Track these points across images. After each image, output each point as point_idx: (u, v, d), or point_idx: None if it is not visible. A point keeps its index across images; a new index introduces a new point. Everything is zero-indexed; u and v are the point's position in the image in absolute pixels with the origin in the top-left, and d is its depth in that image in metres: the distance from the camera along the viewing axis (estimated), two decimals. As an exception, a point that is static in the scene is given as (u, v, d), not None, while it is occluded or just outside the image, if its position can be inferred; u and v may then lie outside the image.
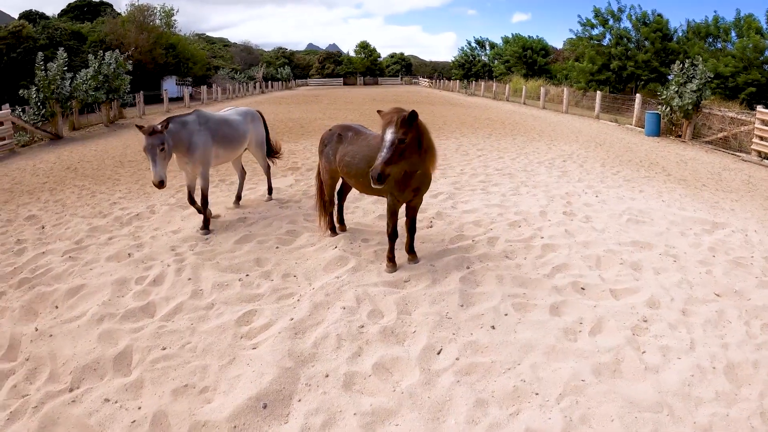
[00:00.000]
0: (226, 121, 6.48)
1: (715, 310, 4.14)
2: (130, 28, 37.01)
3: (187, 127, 5.79)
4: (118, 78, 19.87)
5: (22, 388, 3.29)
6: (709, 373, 3.28)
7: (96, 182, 9.22)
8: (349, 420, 2.82)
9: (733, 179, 9.75)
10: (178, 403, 3.07)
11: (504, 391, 3.04)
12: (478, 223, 6.37)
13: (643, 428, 2.74)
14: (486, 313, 3.94)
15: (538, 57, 48.20)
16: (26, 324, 4.05)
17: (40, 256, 5.47)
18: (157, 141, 5.20)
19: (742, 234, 6.08)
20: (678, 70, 15.48)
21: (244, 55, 68.61)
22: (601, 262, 5.12)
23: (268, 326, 3.89)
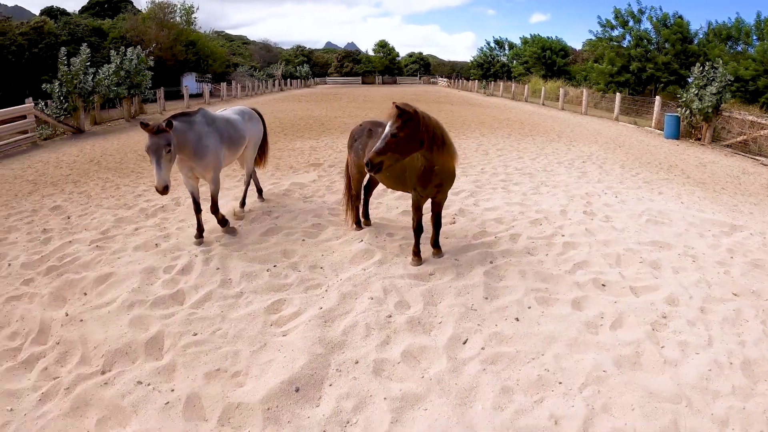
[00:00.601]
0: (229, 120, 6.17)
1: (733, 309, 4.22)
2: (150, 24, 37.54)
3: (194, 128, 5.32)
4: (139, 74, 20.20)
5: (53, 371, 3.39)
6: (726, 368, 3.38)
7: (119, 175, 9.43)
8: (379, 404, 2.96)
9: (752, 183, 9.73)
10: (210, 386, 3.19)
11: (528, 379, 3.18)
12: (499, 220, 6.49)
13: (663, 418, 2.86)
14: (510, 306, 4.08)
15: (558, 58, 47.95)
16: (55, 309, 4.17)
17: (67, 245, 5.61)
18: (163, 141, 4.69)
19: (761, 237, 6.12)
20: (698, 73, 15.40)
21: (263, 53, 69.20)
22: (621, 260, 5.22)
23: (297, 314, 4.04)
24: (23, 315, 4.05)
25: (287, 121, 18.91)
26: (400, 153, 4.16)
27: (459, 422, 2.80)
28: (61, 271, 4.92)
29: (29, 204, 7.43)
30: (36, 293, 4.44)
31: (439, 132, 4.39)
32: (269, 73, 58.03)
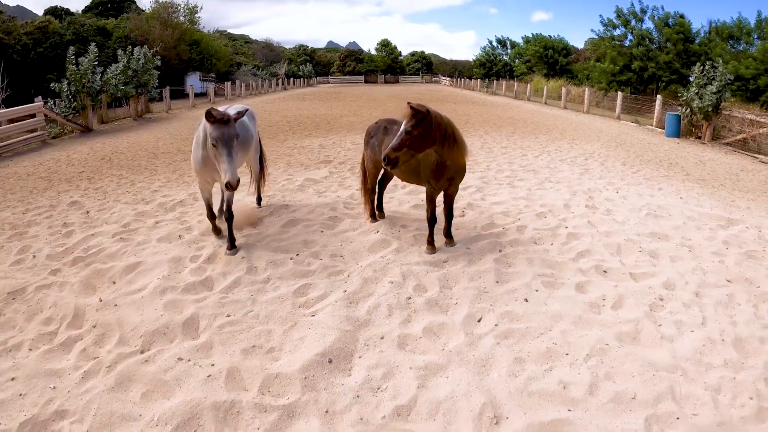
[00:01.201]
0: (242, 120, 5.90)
1: (726, 293, 4.55)
2: (154, 24, 37.83)
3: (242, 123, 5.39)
4: (146, 73, 20.43)
5: (92, 351, 3.58)
6: (719, 344, 3.71)
7: (133, 172, 9.63)
8: (405, 373, 3.27)
9: (751, 180, 10.04)
10: (248, 360, 3.43)
11: (538, 351, 3.52)
12: (506, 213, 6.82)
13: (660, 384, 3.19)
14: (519, 289, 4.42)
15: (560, 57, 48.28)
16: (87, 296, 4.38)
17: (90, 238, 5.82)
18: (234, 131, 4.53)
19: (756, 230, 6.44)
20: (698, 72, 15.71)
21: (266, 52, 69.62)
22: (621, 249, 5.54)
23: (323, 297, 4.34)
24: (56, 302, 4.24)
25: (294, 119, 19.24)
26: (415, 149, 4.50)
27: (478, 387, 3.12)
28: (88, 261, 5.14)
29: (46, 200, 7.60)
30: (66, 282, 4.64)
31: (450, 130, 4.72)
32: (272, 72, 58.41)
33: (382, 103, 28.94)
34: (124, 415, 2.95)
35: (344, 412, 2.94)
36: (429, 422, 2.84)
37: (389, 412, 2.91)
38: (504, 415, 2.89)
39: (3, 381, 3.26)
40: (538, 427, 2.80)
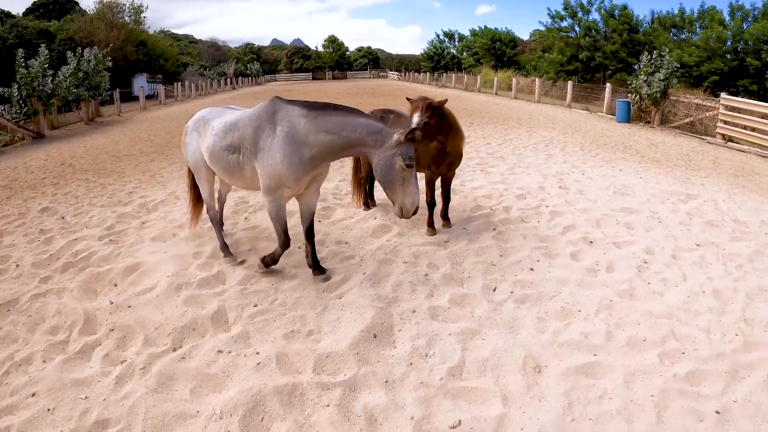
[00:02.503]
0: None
1: (698, 255, 5.16)
2: (99, 25, 36.45)
3: None
4: (98, 74, 19.87)
5: (117, 356, 3.48)
6: (701, 295, 4.28)
7: (100, 176, 9.42)
8: (446, 339, 3.60)
9: (701, 159, 10.96)
10: (292, 345, 3.52)
11: (555, 310, 3.98)
12: (489, 196, 7.29)
13: (662, 328, 3.72)
14: (523, 260, 4.88)
15: (507, 49, 49.68)
16: (91, 301, 4.25)
17: (74, 243, 5.65)
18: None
19: (713, 203, 7.16)
20: (647, 61, 16.80)
21: (212, 52, 68.25)
22: (600, 223, 6.09)
23: (344, 281, 4.51)
24: (59, 309, 4.08)
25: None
26: (429, 138, 4.89)
27: (515, 344, 3.53)
28: (82, 266, 5.00)
29: (12, 208, 7.32)
30: (63, 288, 4.49)
31: (453, 120, 5.21)
32: (220, 72, 57.36)
33: (335, 98, 28.97)
34: (178, 414, 2.92)
35: (403, 379, 3.17)
36: (481, 378, 3.20)
37: (444, 374, 3.20)
38: (543, 364, 3.31)
39: (23, 398, 3.08)
40: (574, 370, 3.23)
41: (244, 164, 4.37)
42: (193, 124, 5.00)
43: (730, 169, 9.85)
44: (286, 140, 4.05)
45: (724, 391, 3.09)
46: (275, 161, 4.07)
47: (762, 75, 28.21)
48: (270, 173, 4.13)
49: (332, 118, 4.01)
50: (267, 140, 4.12)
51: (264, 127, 4.16)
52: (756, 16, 30.48)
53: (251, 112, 4.45)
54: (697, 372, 3.26)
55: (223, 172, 4.63)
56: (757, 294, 4.37)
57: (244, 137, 4.30)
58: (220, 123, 4.62)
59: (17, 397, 3.09)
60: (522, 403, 2.93)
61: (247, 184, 4.62)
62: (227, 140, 4.45)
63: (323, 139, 4.00)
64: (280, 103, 4.22)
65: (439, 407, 2.91)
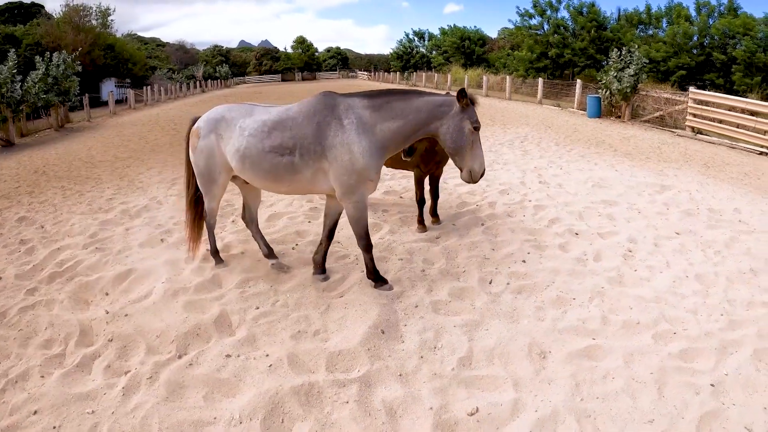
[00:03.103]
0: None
1: (678, 243, 5.41)
2: (66, 29, 35.55)
3: None
4: (67, 79, 19.42)
5: (119, 366, 3.38)
6: (685, 280, 4.52)
7: (76, 183, 9.23)
8: (452, 330, 3.71)
9: (672, 151, 11.37)
10: (301, 345, 3.53)
11: (551, 299, 4.15)
12: (472, 192, 7.45)
13: (653, 312, 3.94)
14: (514, 253, 5.04)
15: (476, 47, 50.27)
16: (84, 311, 4.14)
17: (57, 252, 5.50)
18: None
19: (687, 193, 7.47)
20: (616, 57, 17.29)
21: (180, 54, 67.22)
22: (583, 215, 6.31)
23: (343, 279, 4.55)
24: (51, 321, 3.94)
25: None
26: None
27: (518, 332, 3.68)
28: (69, 275, 4.85)
29: None
30: (52, 300, 4.35)
31: None
32: (189, 75, 56.55)
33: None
34: (195, 421, 2.88)
35: (416, 372, 3.26)
36: (490, 366, 3.33)
37: (455, 364, 3.31)
38: (547, 350, 3.46)
39: (24, 417, 2.96)
40: (576, 354, 3.40)
41: (301, 166, 4.02)
42: (208, 124, 4.44)
43: (700, 161, 10.25)
44: (357, 132, 3.90)
45: (715, 367, 3.31)
46: (353, 155, 3.88)
47: (728, 69, 29.35)
48: (349, 169, 3.91)
49: (396, 104, 3.98)
50: (337, 135, 3.91)
51: (329, 122, 3.94)
52: (722, 12, 31.71)
53: (301, 108, 4.12)
54: (689, 350, 3.48)
55: (265, 177, 4.17)
56: (736, 277, 4.62)
57: (303, 136, 3.98)
58: (255, 122, 4.18)
59: (18, 416, 2.97)
60: (532, 387, 3.07)
61: (296, 189, 4.27)
62: (273, 141, 4.06)
63: (392, 126, 3.97)
64: (337, 97, 4.09)
65: (454, 396, 3.03)
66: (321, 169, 4.01)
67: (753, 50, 27.99)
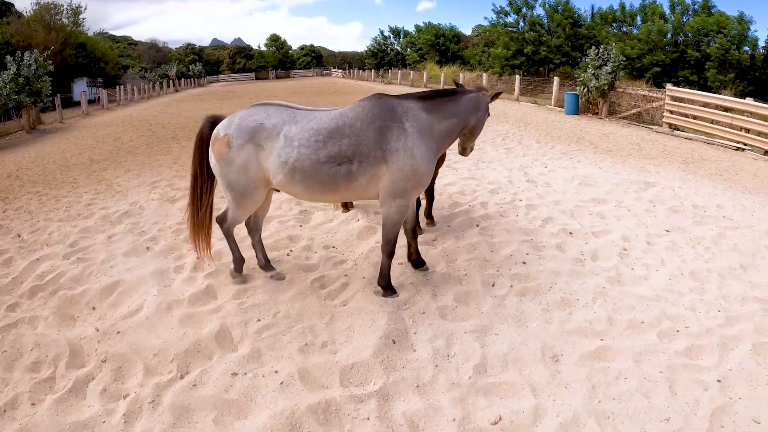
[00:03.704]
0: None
1: (669, 240, 5.54)
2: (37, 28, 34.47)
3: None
4: (39, 80, 18.87)
5: (116, 390, 3.18)
6: (680, 277, 4.63)
7: (52, 187, 8.93)
8: (463, 337, 3.68)
9: (651, 148, 11.63)
10: (311, 359, 3.39)
11: (555, 301, 4.20)
12: (462, 192, 7.48)
13: (654, 310, 4.04)
14: (514, 254, 5.08)
15: (451, 44, 50.56)
16: (71, 328, 3.90)
17: (36, 263, 5.21)
18: None
19: (671, 190, 7.66)
20: (594, 55, 17.59)
21: (152, 53, 66.09)
22: (574, 214, 6.41)
23: (344, 286, 4.45)
24: (38, 341, 3.67)
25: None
26: None
27: (529, 336, 3.71)
28: (52, 289, 4.57)
29: None
30: (36, 317, 4.09)
31: None
32: (162, 74, 55.55)
33: (281, 98, 28.77)
34: None
35: (433, 382, 3.21)
36: (506, 372, 3.34)
37: (471, 372, 3.29)
38: (559, 353, 3.50)
39: None
40: (588, 356, 3.45)
41: (358, 174, 3.85)
42: (243, 133, 3.98)
43: (680, 157, 10.52)
44: (418, 136, 3.88)
45: (719, 362, 3.42)
46: (415, 160, 3.84)
47: (701, 66, 30.20)
48: (408, 175, 3.86)
49: (446, 105, 4.11)
50: (400, 140, 3.83)
51: (390, 126, 3.84)
52: (696, 10, 32.57)
53: (358, 113, 3.93)
54: (693, 347, 3.58)
55: (319, 189, 3.94)
56: (727, 273, 4.76)
57: (363, 142, 3.82)
58: (305, 131, 3.87)
59: (11, 450, 2.71)
60: (550, 392, 3.11)
61: (346, 197, 4.14)
62: (330, 150, 3.82)
63: (444, 127, 4.08)
64: (393, 99, 4.01)
65: (475, 405, 3.03)
66: (376, 175, 3.89)
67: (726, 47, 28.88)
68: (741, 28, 30.29)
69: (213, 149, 4.09)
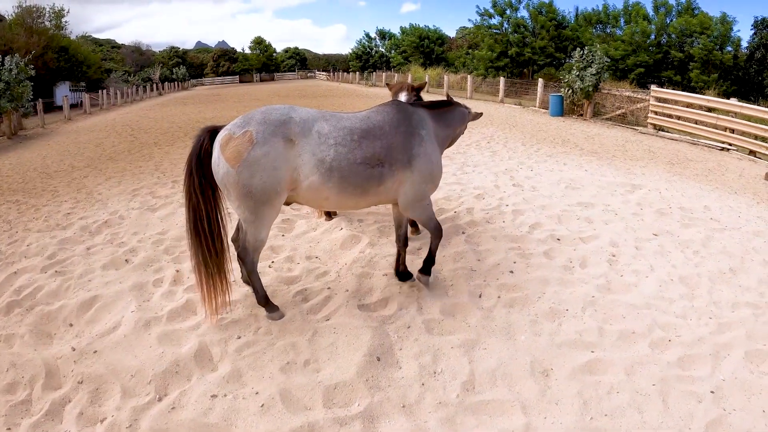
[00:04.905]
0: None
1: (657, 244, 5.48)
2: (18, 31, 33.74)
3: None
4: (20, 84, 18.47)
5: (93, 413, 3.07)
6: (670, 284, 4.56)
7: (31, 196, 8.68)
8: (450, 352, 3.54)
9: (637, 149, 11.64)
10: (293, 379, 3.26)
11: (544, 311, 4.09)
12: (448, 198, 7.37)
13: (645, 319, 3.95)
14: (501, 263, 4.97)
15: (435, 46, 50.65)
16: (48, 347, 3.76)
17: (13, 277, 5.03)
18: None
19: (657, 192, 7.62)
20: (578, 56, 17.63)
21: (135, 56, 65.32)
22: (561, 219, 6.33)
23: (327, 300, 4.29)
24: (13, 362, 3.54)
25: (186, 125, 18.46)
26: None
27: (518, 350, 3.59)
28: (29, 305, 4.42)
29: None
30: (12, 334, 3.94)
31: None
32: (145, 78, 54.91)
33: (267, 101, 28.61)
34: None
35: (420, 402, 3.10)
36: (495, 389, 3.22)
37: (459, 390, 3.17)
38: (549, 367, 3.39)
39: None
40: (579, 369, 3.35)
41: (387, 177, 3.82)
42: (271, 126, 3.57)
43: (665, 158, 10.53)
44: (432, 141, 4.11)
45: (712, 372, 3.35)
46: (433, 164, 4.06)
47: (685, 66, 30.54)
48: (428, 178, 4.05)
49: (446, 114, 4.45)
50: (422, 145, 3.97)
51: (413, 132, 3.96)
52: (679, 11, 32.93)
53: (384, 117, 3.92)
54: (685, 357, 3.51)
55: (353, 192, 3.75)
56: (717, 277, 4.71)
57: (395, 146, 3.83)
58: (338, 130, 3.70)
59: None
60: (541, 409, 3.00)
61: (373, 202, 4.05)
62: (365, 151, 3.70)
63: (444, 134, 4.41)
64: (408, 107, 4.15)
65: (463, 425, 2.91)
66: (400, 179, 3.92)
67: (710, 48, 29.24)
68: (724, 28, 30.73)
69: (225, 153, 3.53)
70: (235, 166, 3.50)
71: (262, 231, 3.78)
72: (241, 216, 3.74)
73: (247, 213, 3.66)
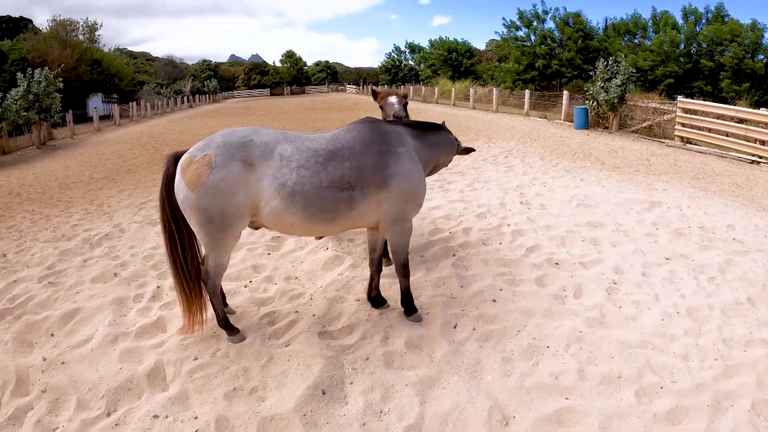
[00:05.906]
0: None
1: (668, 270, 4.93)
2: (53, 44, 35.14)
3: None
4: (49, 96, 19.04)
5: (49, 422, 3.11)
6: (675, 316, 4.03)
7: (46, 206, 8.88)
8: (403, 391, 3.21)
9: (661, 163, 10.96)
10: (234, 407, 3.14)
11: (521, 348, 3.62)
12: (447, 217, 6.95)
13: (637, 360, 3.43)
14: (485, 290, 4.52)
15: (464, 59, 50.33)
16: (26, 355, 3.83)
17: (13, 285, 5.14)
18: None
19: (678, 209, 7.02)
20: (603, 68, 16.99)
21: (168, 69, 67.12)
22: (565, 241, 5.83)
23: (292, 324, 4.09)
24: None
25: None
26: None
27: (478, 392, 3.16)
28: (19, 313, 4.51)
29: None
30: None
31: None
32: (177, 90, 56.26)
33: (294, 115, 28.68)
34: None
35: None
36: (441, 437, 2.81)
37: (401, 435, 2.82)
38: (511, 415, 2.95)
39: None
40: (545, 419, 2.89)
41: (359, 200, 3.58)
42: (228, 149, 3.46)
43: (690, 172, 9.85)
44: (412, 159, 3.83)
45: (708, 428, 2.84)
46: (413, 183, 3.77)
47: (716, 76, 29.30)
48: (408, 198, 3.78)
49: (431, 137, 4.21)
50: (399, 164, 3.70)
51: (388, 150, 3.70)
52: (709, 19, 31.70)
53: (355, 136, 3.70)
54: (677, 409, 3.00)
55: (320, 218, 3.53)
56: (732, 309, 4.16)
57: (366, 167, 3.58)
58: (302, 151, 3.50)
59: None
60: (489, 471, 2.55)
61: (345, 227, 3.79)
62: (332, 174, 3.48)
63: (425, 157, 4.12)
64: (383, 123, 3.94)
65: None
66: (376, 201, 3.66)
67: (741, 56, 27.96)
68: (755, 35, 29.36)
69: (185, 177, 3.45)
70: (195, 191, 3.41)
71: (223, 256, 3.69)
72: (202, 241, 3.65)
73: (207, 238, 3.57)
